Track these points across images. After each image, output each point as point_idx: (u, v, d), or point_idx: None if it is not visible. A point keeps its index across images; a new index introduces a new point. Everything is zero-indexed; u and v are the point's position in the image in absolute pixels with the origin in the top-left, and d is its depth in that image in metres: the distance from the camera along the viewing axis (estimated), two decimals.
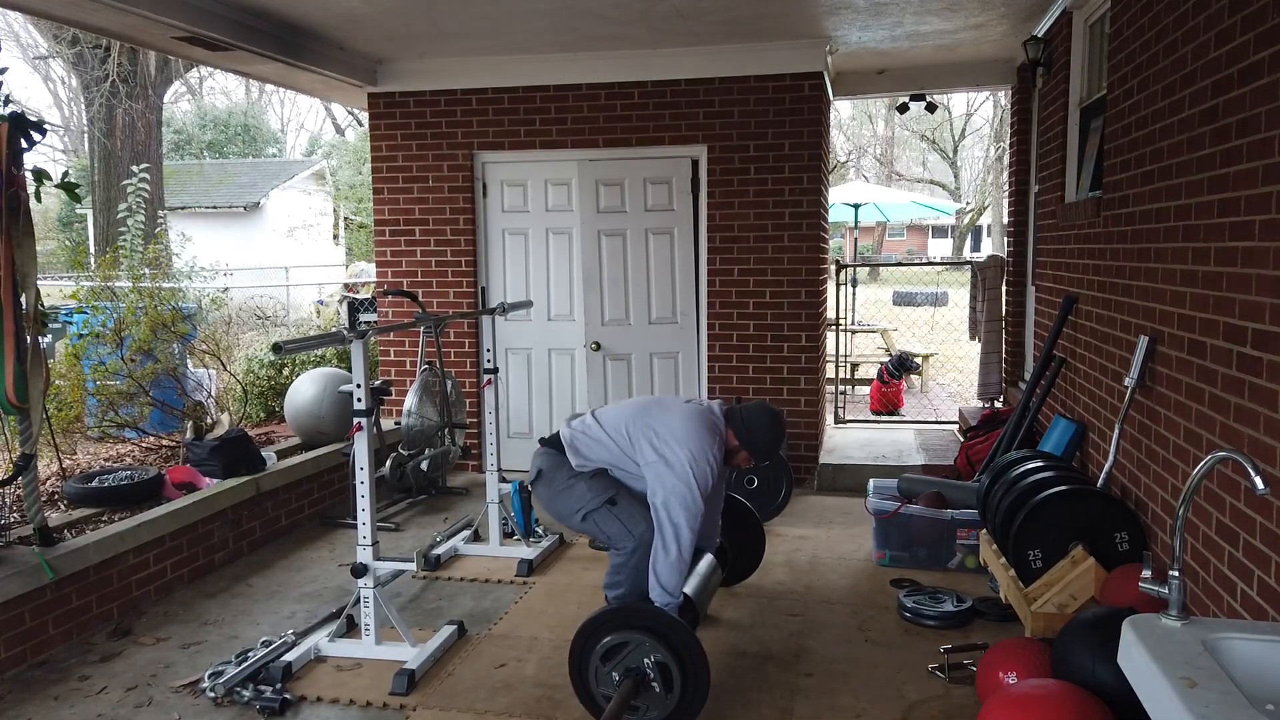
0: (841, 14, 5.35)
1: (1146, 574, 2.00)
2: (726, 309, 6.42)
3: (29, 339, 3.82)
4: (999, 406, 6.91)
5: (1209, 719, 1.46)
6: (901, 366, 8.88)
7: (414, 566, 3.89)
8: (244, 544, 5.15)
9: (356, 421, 3.66)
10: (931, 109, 7.81)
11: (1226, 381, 2.91)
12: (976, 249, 37.12)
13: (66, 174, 4.60)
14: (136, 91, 13.35)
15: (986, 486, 4.36)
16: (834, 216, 12.64)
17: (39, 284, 3.91)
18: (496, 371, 5.06)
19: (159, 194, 13.56)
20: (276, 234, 21.17)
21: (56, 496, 5.13)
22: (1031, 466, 4.15)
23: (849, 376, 9.61)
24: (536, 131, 6.53)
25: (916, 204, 17.46)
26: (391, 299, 6.70)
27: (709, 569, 3.87)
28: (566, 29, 5.63)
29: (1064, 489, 3.77)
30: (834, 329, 8.02)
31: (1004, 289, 7.18)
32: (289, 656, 3.67)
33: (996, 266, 7.20)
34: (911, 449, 6.79)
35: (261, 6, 5.08)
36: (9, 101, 3.93)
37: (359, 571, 3.71)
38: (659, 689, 3.08)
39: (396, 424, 6.23)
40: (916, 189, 31.35)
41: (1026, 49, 5.68)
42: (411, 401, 5.79)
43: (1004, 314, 7.17)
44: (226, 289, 9.87)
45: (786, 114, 6.17)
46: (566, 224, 6.65)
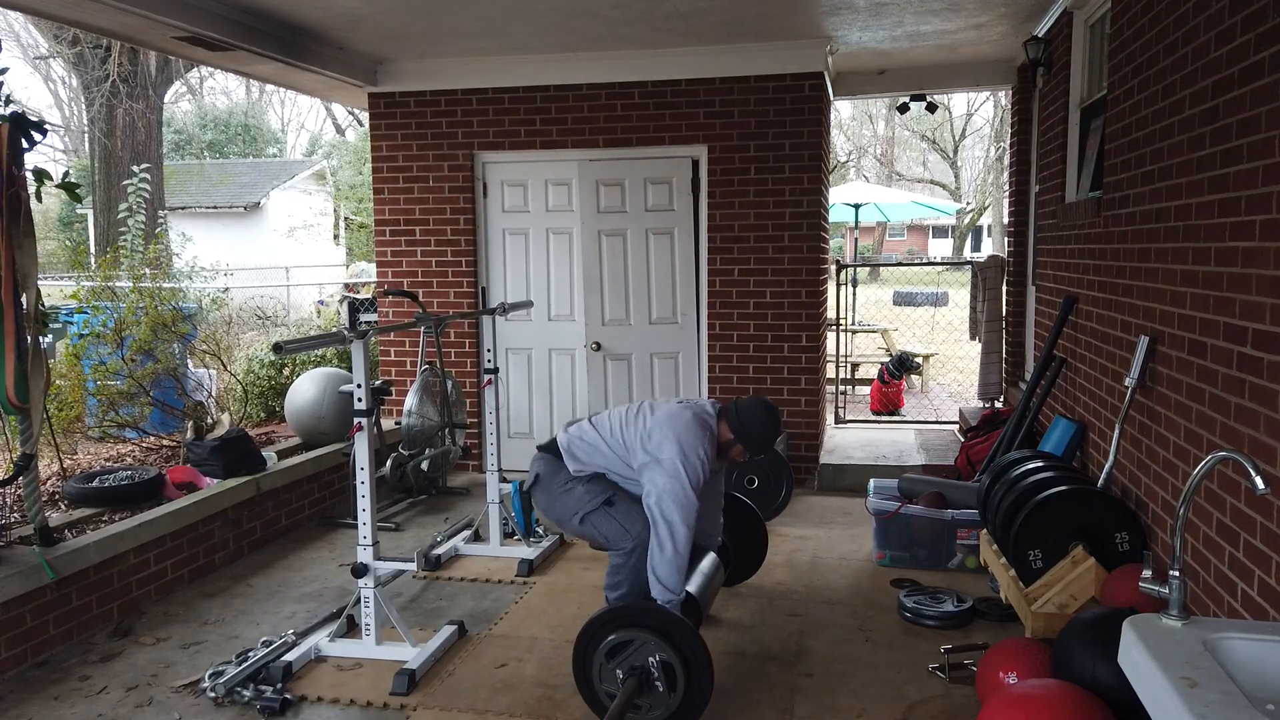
0: (842, 14, 5.36)
1: (1147, 574, 2.00)
2: (727, 309, 6.42)
3: (30, 339, 3.82)
4: (999, 406, 6.91)
5: (1209, 719, 1.46)
6: (902, 366, 8.88)
7: (414, 566, 3.90)
8: (244, 544, 5.15)
9: (357, 421, 3.66)
10: (932, 109, 7.80)
11: (1227, 381, 2.91)
12: (977, 249, 37.10)
13: (67, 174, 4.60)
14: (137, 91, 13.34)
15: (987, 486, 4.36)
16: (834, 216, 12.65)
17: (39, 284, 3.92)
18: (497, 371, 5.06)
19: (159, 194, 13.56)
20: (277, 234, 21.16)
21: (57, 496, 5.13)
22: (1032, 466, 4.15)
23: (849, 376, 9.61)
24: (537, 131, 6.53)
25: (917, 204, 17.47)
26: (392, 299, 6.70)
27: (712, 567, 3.87)
28: (567, 29, 5.63)
29: (1064, 489, 3.77)
30: (834, 329, 8.02)
31: (1004, 289, 7.18)
32: (289, 656, 3.67)
33: (997, 266, 7.20)
34: (912, 449, 6.79)
35: (262, 7, 5.08)
36: (9, 101, 3.93)
37: (359, 571, 3.71)
38: (663, 688, 3.09)
39: (397, 424, 6.22)
40: (917, 189, 31.34)
41: (1027, 49, 5.68)
42: (412, 401, 5.79)
43: (1004, 314, 7.17)
44: (227, 289, 9.88)
45: (787, 114, 6.17)
46: (567, 224, 6.65)
